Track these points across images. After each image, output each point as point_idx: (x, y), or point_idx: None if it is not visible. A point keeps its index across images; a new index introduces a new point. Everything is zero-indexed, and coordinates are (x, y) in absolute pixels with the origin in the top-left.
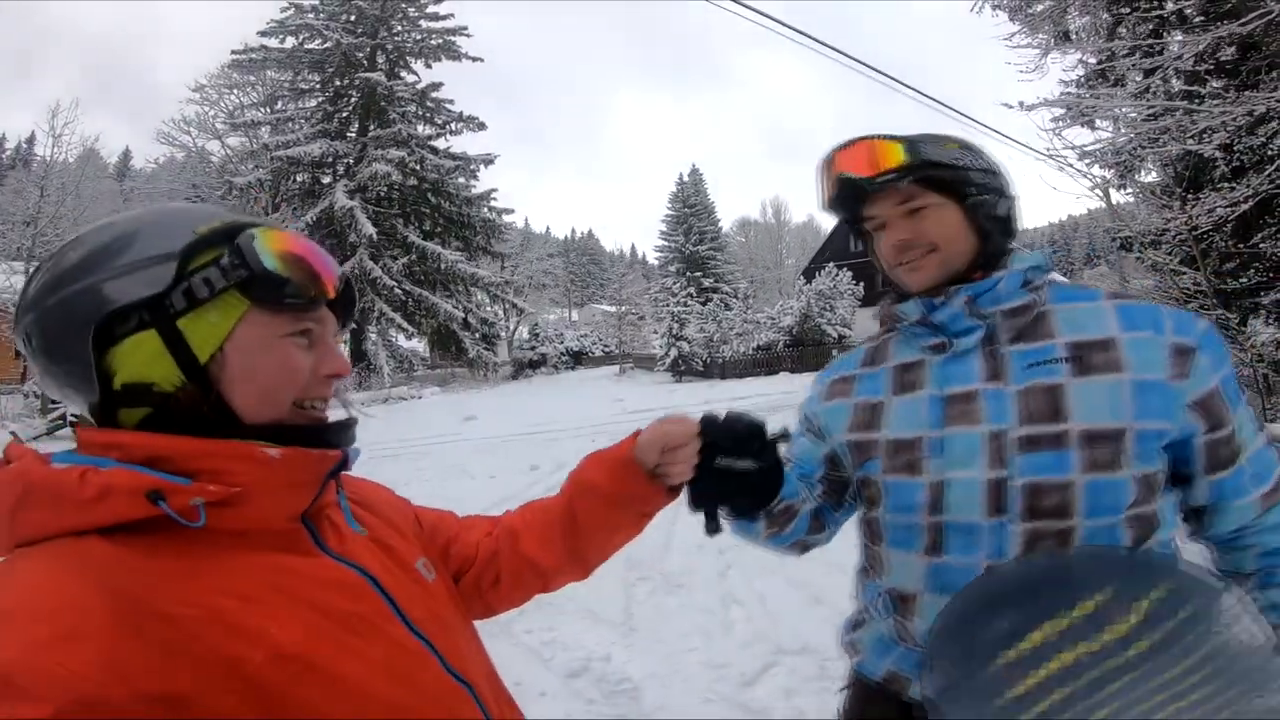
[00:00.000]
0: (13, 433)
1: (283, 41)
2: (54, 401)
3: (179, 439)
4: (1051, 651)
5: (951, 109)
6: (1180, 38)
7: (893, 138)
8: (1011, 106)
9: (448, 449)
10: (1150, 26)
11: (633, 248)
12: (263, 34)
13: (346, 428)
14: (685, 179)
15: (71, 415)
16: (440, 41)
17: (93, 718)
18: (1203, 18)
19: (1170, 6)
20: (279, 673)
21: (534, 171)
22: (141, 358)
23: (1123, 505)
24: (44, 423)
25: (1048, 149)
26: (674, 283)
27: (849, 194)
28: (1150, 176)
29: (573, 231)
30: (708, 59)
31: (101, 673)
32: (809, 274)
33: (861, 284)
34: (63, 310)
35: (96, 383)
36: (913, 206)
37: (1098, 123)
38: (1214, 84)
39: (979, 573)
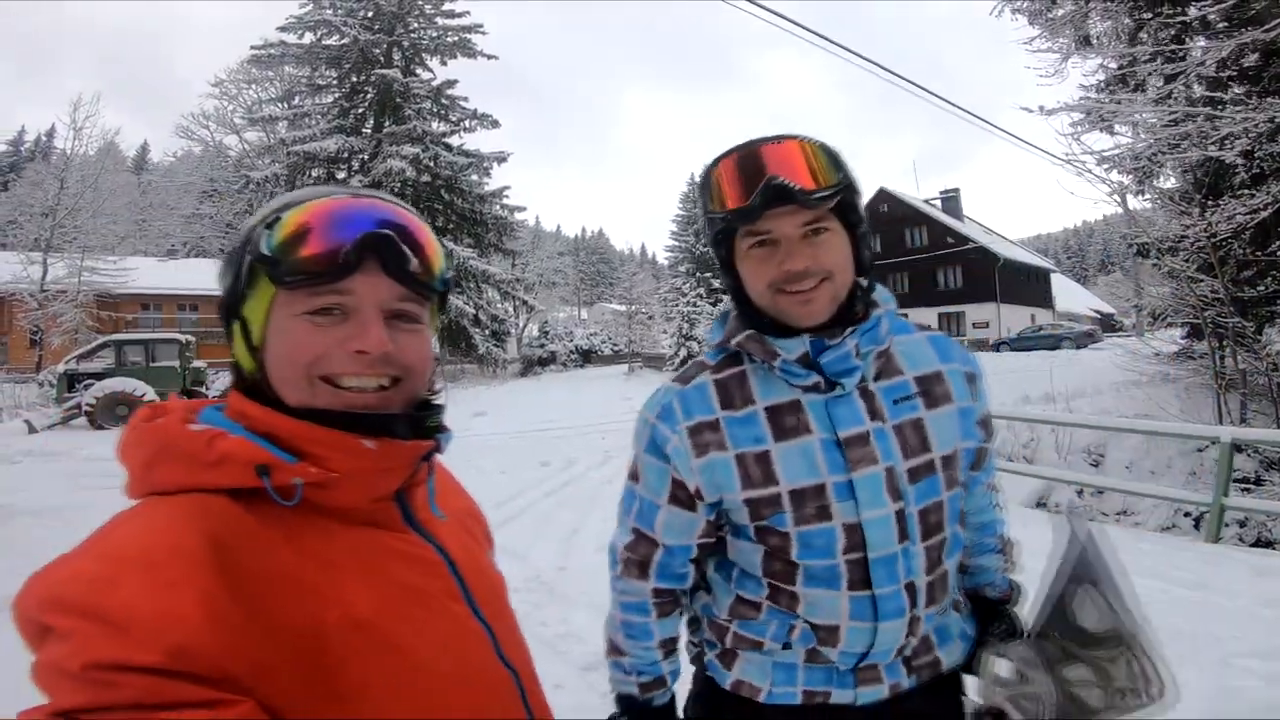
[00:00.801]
0: (26, 420)
1: (301, 37)
2: (69, 391)
3: (293, 421)
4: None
5: (964, 110)
6: (1203, 44)
7: (813, 142)
8: (1032, 111)
9: (457, 444)
10: (1172, 32)
11: (643, 247)
12: (282, 29)
13: (418, 420)
14: (696, 179)
15: (86, 405)
16: (456, 39)
17: (191, 667)
18: (1225, 24)
19: (1193, 12)
20: (346, 635)
21: (545, 170)
22: (236, 343)
23: (958, 514)
24: (59, 412)
25: (1067, 154)
26: (683, 283)
27: (769, 203)
28: (1169, 183)
29: (583, 230)
30: (719, 59)
31: (202, 623)
32: None
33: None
34: None
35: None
36: (816, 228)
37: (1117, 128)
38: (1235, 90)
39: (903, 598)
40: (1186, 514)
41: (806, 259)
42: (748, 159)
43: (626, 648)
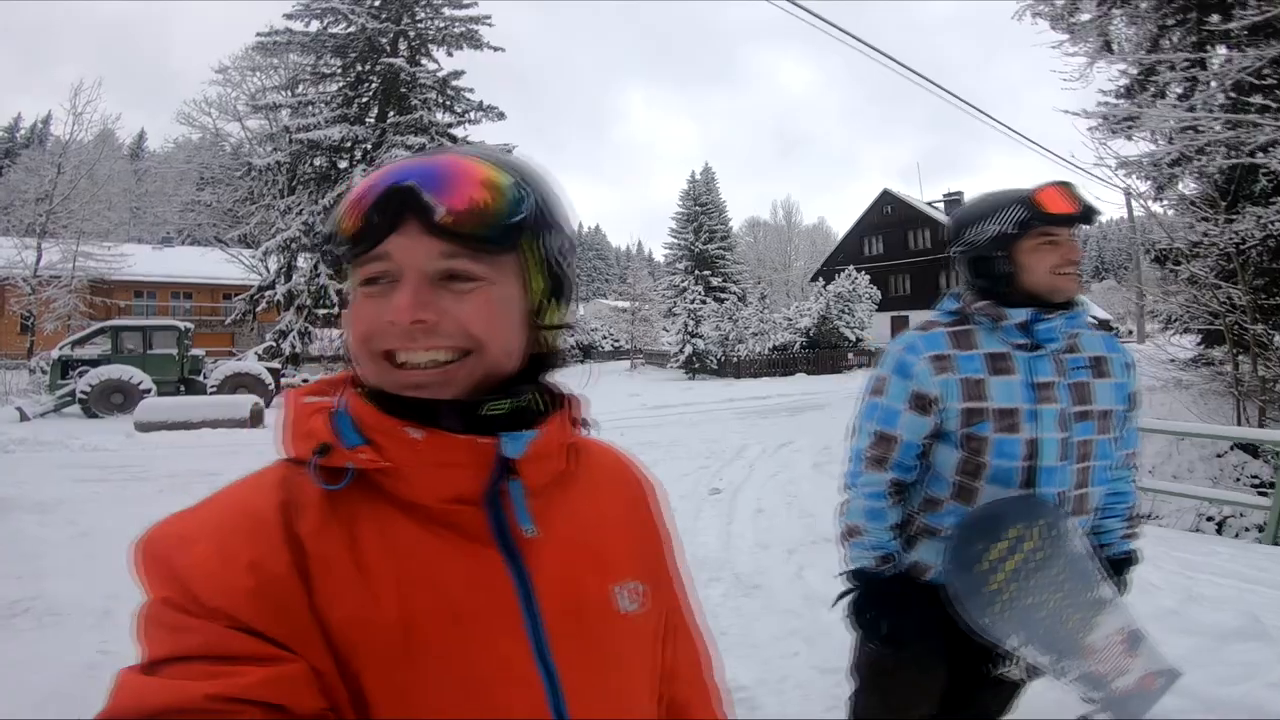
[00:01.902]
0: (19, 408)
1: (307, 25)
2: (63, 378)
3: (361, 403)
4: (1001, 561)
5: (987, 114)
6: (1224, 51)
7: None
8: (1077, 114)
9: None
10: (1194, 39)
11: (639, 244)
12: (289, 16)
13: (473, 408)
14: (697, 177)
15: (81, 392)
16: (463, 29)
17: (249, 631)
18: (1247, 33)
19: (1215, 18)
20: (354, 631)
21: (545, 165)
22: None
23: (1108, 457)
24: (52, 399)
25: (1097, 159)
26: (682, 280)
27: (1086, 218)
28: (1187, 189)
29: (580, 226)
30: (717, 58)
31: (250, 593)
32: (823, 277)
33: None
34: None
35: None
36: (1074, 233)
37: (1137, 133)
38: (1258, 99)
39: (1058, 500)
40: (1209, 519)
41: (1077, 253)
42: (1062, 190)
43: (867, 529)
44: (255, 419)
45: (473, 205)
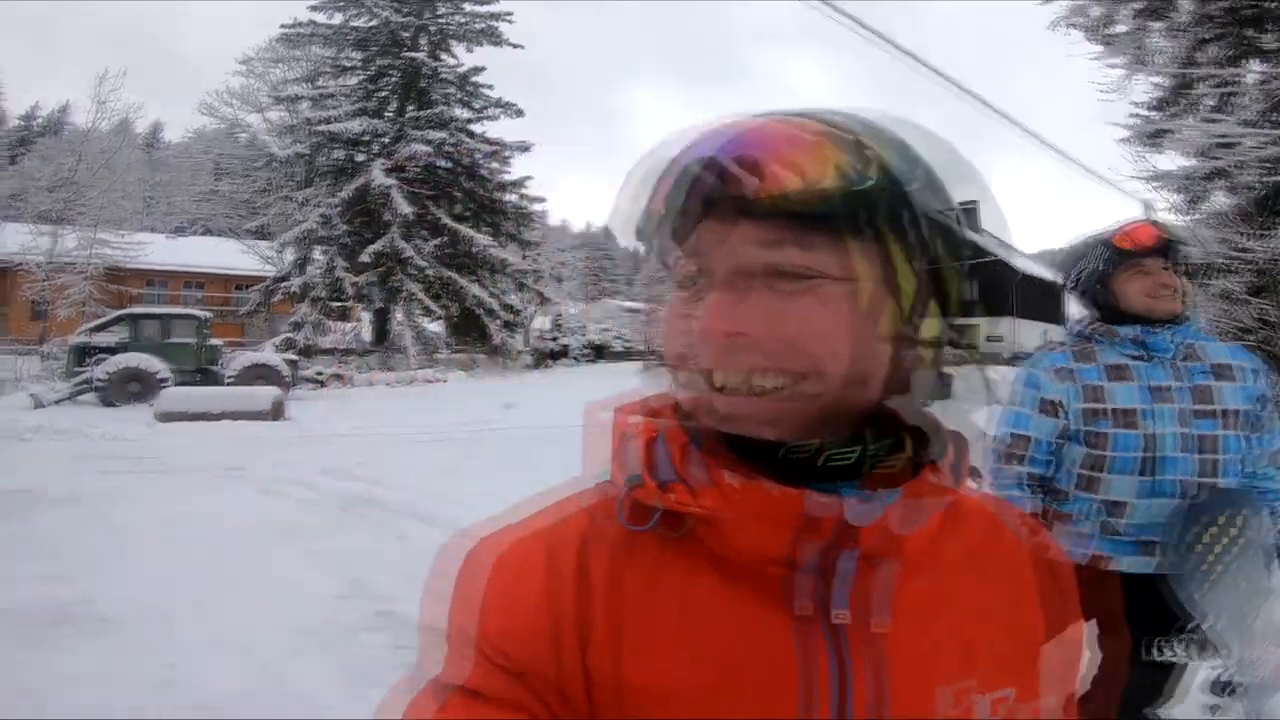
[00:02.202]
0: (33, 394)
1: (331, 18)
2: (79, 365)
3: (680, 436)
4: (1213, 544)
5: (997, 112)
6: (1259, 67)
7: None
8: (1126, 128)
9: (499, 437)
10: (1232, 53)
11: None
12: (313, 9)
13: (804, 454)
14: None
15: (98, 380)
16: (484, 25)
17: (516, 674)
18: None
19: (1251, 32)
20: (621, 698)
21: (551, 164)
22: None
23: (1238, 450)
24: (68, 386)
25: (1136, 171)
26: None
27: (1160, 249)
28: (1219, 204)
29: (588, 225)
30: (725, 57)
31: (529, 642)
32: None
33: None
34: None
35: None
36: (1168, 262)
37: (1169, 147)
38: None
39: (1175, 487)
40: None
41: (1173, 280)
42: (1143, 227)
43: None
44: (276, 411)
45: (797, 174)
